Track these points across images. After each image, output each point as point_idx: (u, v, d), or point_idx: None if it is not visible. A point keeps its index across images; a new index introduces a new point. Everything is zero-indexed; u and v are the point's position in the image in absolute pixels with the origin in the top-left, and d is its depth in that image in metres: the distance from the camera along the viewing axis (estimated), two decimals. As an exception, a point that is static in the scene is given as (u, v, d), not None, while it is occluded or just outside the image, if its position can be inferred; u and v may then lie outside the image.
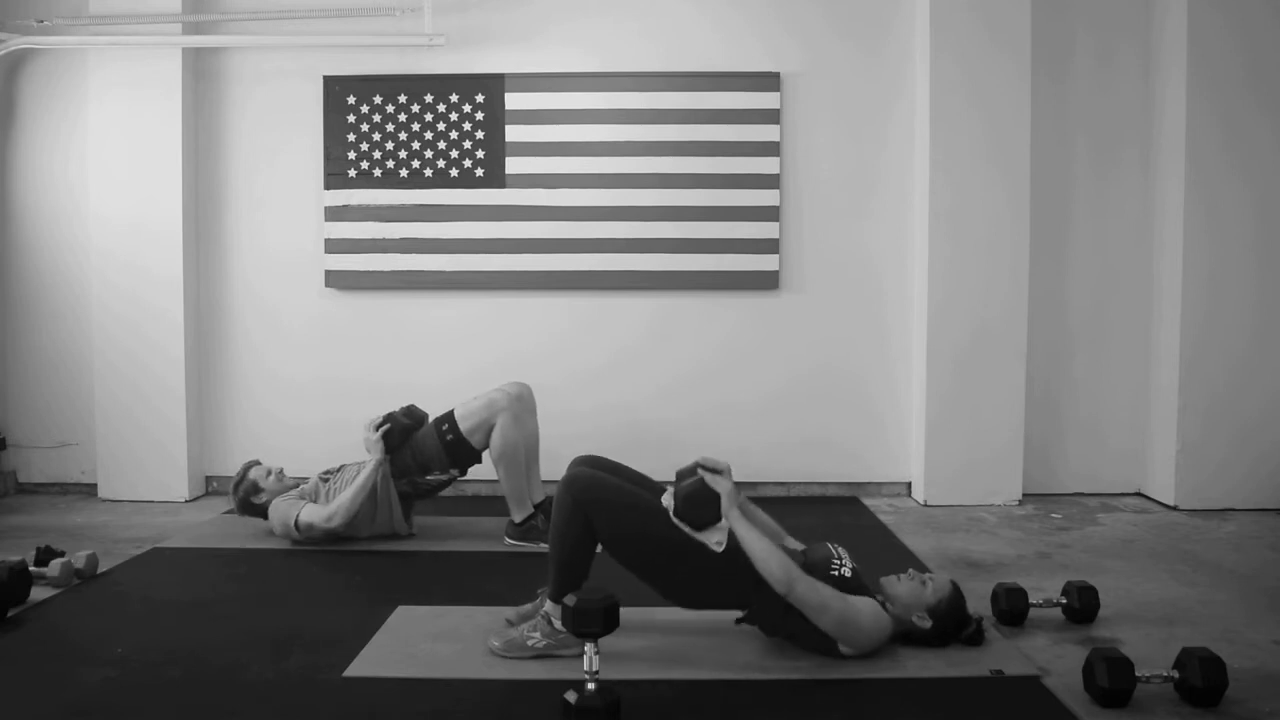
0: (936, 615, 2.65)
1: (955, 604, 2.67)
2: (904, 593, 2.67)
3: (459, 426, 3.70)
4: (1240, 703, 2.35)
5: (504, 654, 2.62)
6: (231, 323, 4.76)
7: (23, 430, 4.80)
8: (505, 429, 3.65)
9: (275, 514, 3.71)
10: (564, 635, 2.53)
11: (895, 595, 2.67)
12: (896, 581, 2.71)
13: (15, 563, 3.03)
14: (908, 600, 2.66)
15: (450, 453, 3.72)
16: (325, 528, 3.61)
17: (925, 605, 2.65)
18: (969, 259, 4.46)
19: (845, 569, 2.64)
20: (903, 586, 2.69)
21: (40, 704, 2.36)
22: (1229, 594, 3.22)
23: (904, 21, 4.60)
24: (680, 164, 4.59)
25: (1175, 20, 4.42)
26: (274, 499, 3.78)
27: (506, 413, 3.66)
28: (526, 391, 3.86)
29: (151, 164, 4.53)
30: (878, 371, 4.71)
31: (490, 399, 3.71)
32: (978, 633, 2.71)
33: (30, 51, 4.63)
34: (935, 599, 2.66)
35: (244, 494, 3.83)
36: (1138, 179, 4.66)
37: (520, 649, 2.62)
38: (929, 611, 2.65)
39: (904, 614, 2.65)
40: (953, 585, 2.71)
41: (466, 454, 3.73)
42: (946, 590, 2.68)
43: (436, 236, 4.63)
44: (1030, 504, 4.52)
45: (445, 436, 3.71)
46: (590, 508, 2.58)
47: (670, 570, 2.62)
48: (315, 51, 4.64)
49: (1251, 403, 4.43)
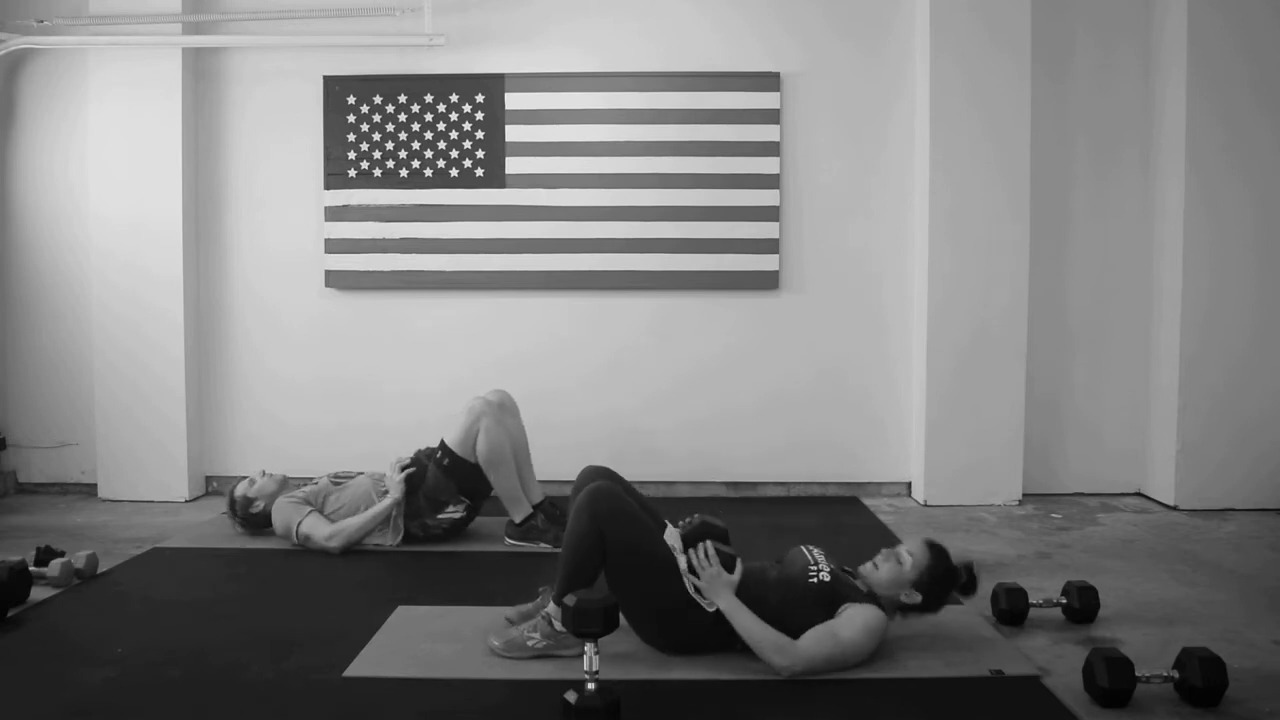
0: (922, 587, 2.63)
1: (937, 570, 2.64)
2: (885, 578, 2.65)
3: (451, 449, 3.71)
4: (1240, 703, 2.35)
5: (504, 653, 2.62)
6: (231, 322, 4.76)
7: (23, 430, 4.80)
8: (489, 431, 3.67)
9: (278, 515, 3.71)
10: (564, 635, 2.53)
11: (878, 582, 2.65)
12: (875, 569, 2.68)
13: (15, 563, 3.03)
14: (891, 583, 2.64)
15: (452, 477, 3.71)
16: (323, 545, 3.61)
17: (909, 582, 2.63)
18: (969, 259, 4.46)
19: (823, 573, 2.61)
20: (882, 573, 2.66)
21: (40, 704, 2.36)
22: (1229, 594, 3.22)
23: (904, 21, 4.60)
24: (680, 164, 4.59)
25: (1175, 20, 4.42)
26: (275, 499, 3.77)
27: (487, 417, 3.68)
28: (506, 397, 3.91)
29: (151, 164, 4.53)
30: (878, 371, 4.71)
31: (469, 408, 3.73)
32: (970, 582, 2.69)
33: (30, 51, 4.63)
34: (916, 574, 2.63)
35: (241, 513, 3.83)
36: (1138, 179, 4.66)
37: (520, 649, 2.61)
38: (914, 586, 2.63)
39: (893, 595, 2.64)
40: (930, 550, 2.67)
41: (468, 474, 3.71)
42: (925, 560, 2.65)
43: (436, 236, 4.63)
44: (1030, 504, 4.52)
45: (442, 462, 3.72)
46: (606, 527, 2.56)
47: (659, 618, 2.61)
48: (315, 51, 4.64)
49: (1251, 403, 4.43)
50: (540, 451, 4.07)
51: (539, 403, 4.25)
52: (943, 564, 2.66)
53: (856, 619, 2.53)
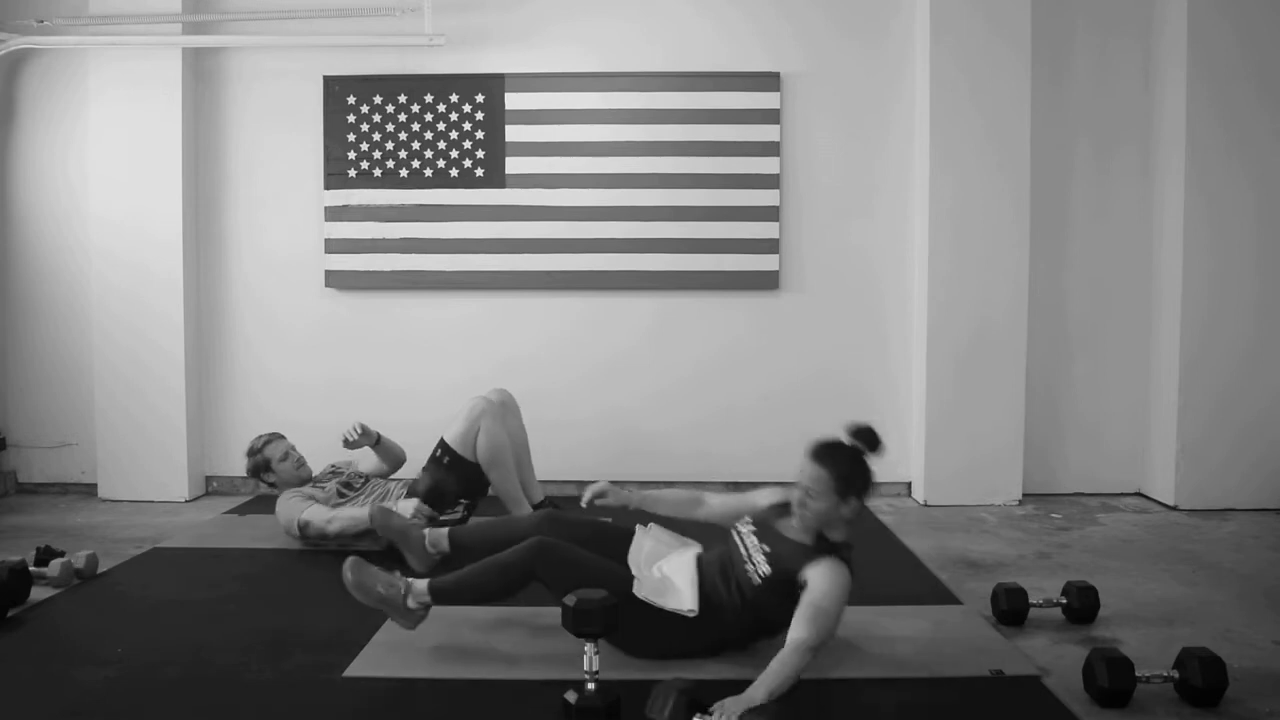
0: (845, 492, 2.45)
1: (842, 470, 2.46)
2: (811, 523, 2.48)
3: (451, 447, 3.70)
4: (1240, 703, 2.35)
5: (352, 587, 2.60)
6: (231, 322, 4.76)
7: (23, 430, 4.80)
8: (490, 431, 3.67)
9: (283, 507, 3.70)
10: (415, 611, 2.59)
11: (810, 531, 2.50)
12: (791, 526, 2.53)
13: (15, 563, 3.03)
14: (819, 524, 2.49)
15: (453, 474, 3.70)
16: (323, 529, 3.59)
17: (826, 513, 2.46)
18: (969, 259, 4.46)
19: (761, 567, 2.50)
20: (797, 526, 2.51)
21: (40, 704, 2.36)
22: (1229, 594, 3.22)
23: (904, 21, 4.60)
24: (680, 164, 4.59)
25: (1175, 17, 4.42)
26: (282, 489, 3.77)
27: (488, 416, 3.69)
28: (508, 396, 3.91)
29: (151, 164, 4.53)
30: (877, 371, 4.71)
31: (470, 406, 3.73)
32: (873, 440, 2.51)
33: (30, 51, 4.63)
34: (828, 498, 2.44)
35: (255, 465, 3.80)
36: (1138, 178, 4.66)
37: (366, 591, 2.59)
38: (839, 495, 2.45)
39: (832, 531, 2.51)
40: (820, 461, 2.46)
41: (468, 472, 3.71)
42: (823, 474, 2.44)
43: (436, 236, 4.63)
44: (1030, 504, 4.52)
45: (442, 461, 3.71)
46: (543, 580, 2.55)
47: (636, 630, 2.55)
48: (315, 51, 4.64)
49: (1251, 403, 4.43)
50: (540, 451, 4.08)
51: (539, 402, 4.25)
52: (841, 463, 2.47)
53: (822, 585, 2.39)
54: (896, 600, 3.09)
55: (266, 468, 3.79)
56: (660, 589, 2.59)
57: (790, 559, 2.49)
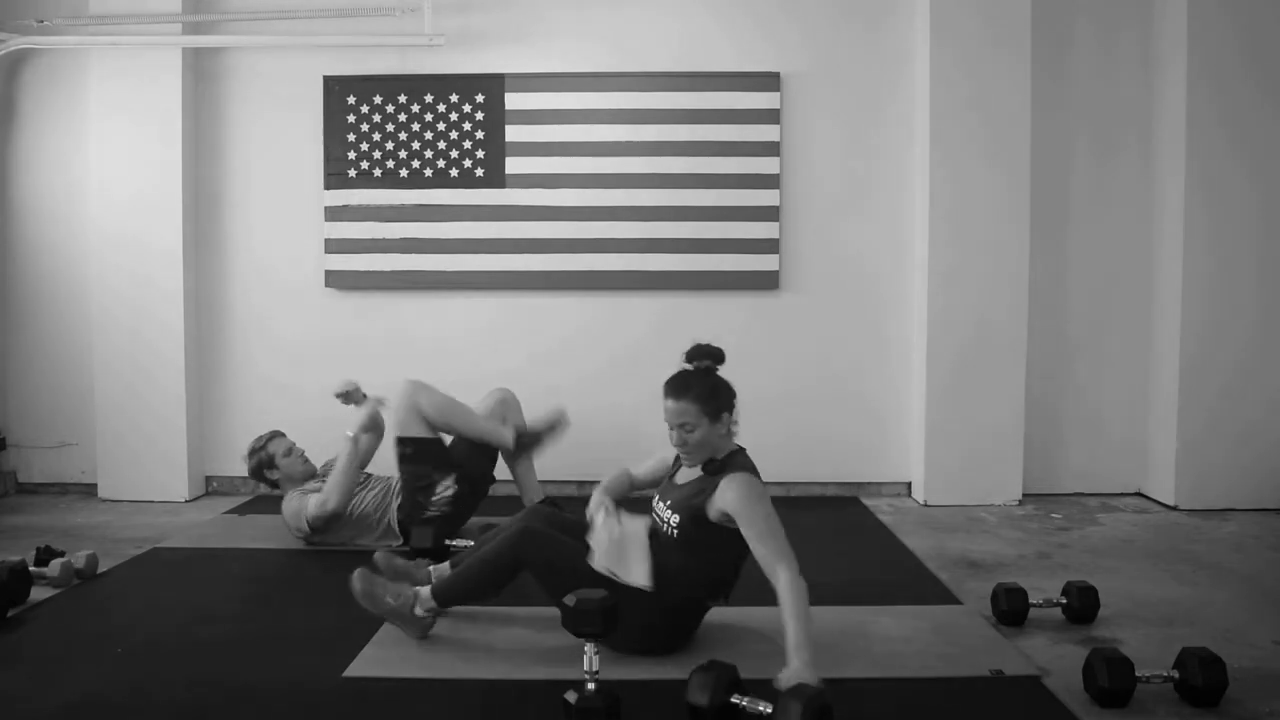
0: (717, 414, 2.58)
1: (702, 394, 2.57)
2: (692, 462, 2.63)
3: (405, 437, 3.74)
4: (1240, 703, 2.35)
5: (361, 597, 2.68)
6: (231, 322, 4.75)
7: (23, 430, 4.80)
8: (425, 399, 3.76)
9: (289, 506, 3.70)
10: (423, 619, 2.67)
11: (693, 471, 2.64)
12: (683, 472, 2.69)
13: (15, 563, 3.03)
14: (701, 457, 2.61)
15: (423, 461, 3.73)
16: (325, 512, 3.59)
17: (706, 438, 2.58)
18: (969, 258, 4.46)
19: (672, 519, 2.60)
20: (686, 465, 2.67)
21: (40, 703, 2.36)
22: (1229, 594, 3.22)
23: (903, 20, 4.60)
24: (680, 164, 4.59)
25: (1175, 11, 4.41)
26: (285, 488, 3.77)
27: (413, 389, 3.77)
28: (509, 394, 4.00)
29: (151, 163, 4.53)
30: (877, 371, 4.71)
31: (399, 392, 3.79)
32: (712, 352, 2.67)
33: (30, 51, 4.63)
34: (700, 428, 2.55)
35: (258, 463, 3.81)
36: (1138, 175, 4.66)
37: (375, 601, 2.68)
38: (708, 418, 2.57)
39: (715, 454, 2.62)
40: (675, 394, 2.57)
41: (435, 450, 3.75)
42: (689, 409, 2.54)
43: (436, 236, 4.63)
44: (1030, 504, 4.52)
45: (406, 453, 3.75)
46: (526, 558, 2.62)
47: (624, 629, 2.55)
48: (315, 51, 4.64)
49: (1251, 403, 4.43)
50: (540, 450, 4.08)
51: (539, 402, 4.23)
52: (698, 386, 2.58)
53: (737, 506, 2.50)
54: (896, 600, 3.10)
55: (270, 464, 3.79)
56: (616, 556, 2.60)
57: (691, 498, 2.59)
